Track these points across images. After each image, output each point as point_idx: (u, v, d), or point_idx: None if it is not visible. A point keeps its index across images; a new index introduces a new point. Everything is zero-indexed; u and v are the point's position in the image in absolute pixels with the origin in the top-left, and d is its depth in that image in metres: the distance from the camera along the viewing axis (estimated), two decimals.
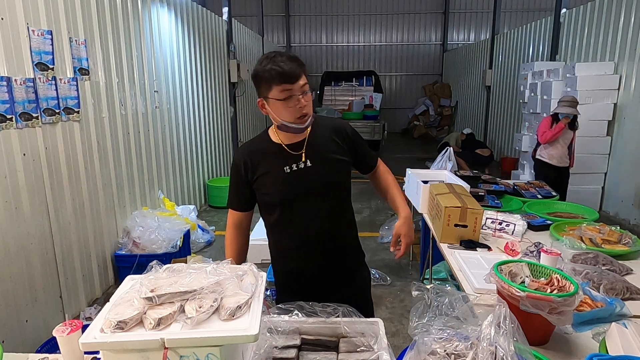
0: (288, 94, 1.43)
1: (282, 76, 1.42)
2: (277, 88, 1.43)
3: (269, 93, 1.46)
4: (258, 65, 1.46)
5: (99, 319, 1.14)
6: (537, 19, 8.30)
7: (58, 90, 3.03)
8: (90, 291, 3.45)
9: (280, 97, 1.44)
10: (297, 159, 1.57)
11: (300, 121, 1.49)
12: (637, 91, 5.15)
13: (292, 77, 1.43)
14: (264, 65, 1.44)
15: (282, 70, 1.42)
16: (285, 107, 1.45)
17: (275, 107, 1.47)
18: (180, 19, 5.34)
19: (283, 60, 1.43)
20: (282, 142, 1.58)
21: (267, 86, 1.45)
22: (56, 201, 3.02)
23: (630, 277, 2.00)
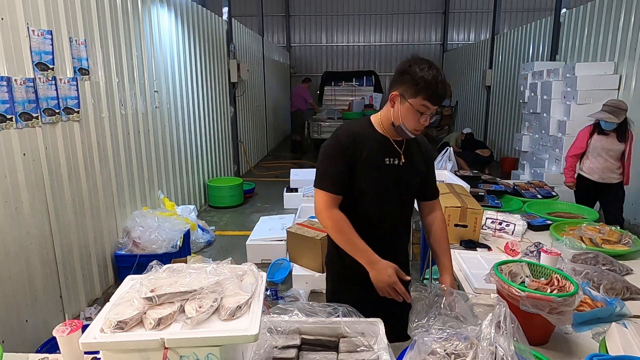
0: (424, 111, 1.51)
1: (435, 97, 1.49)
2: (421, 101, 1.49)
3: (410, 98, 1.50)
4: (416, 67, 1.48)
5: (99, 319, 1.14)
6: (537, 19, 8.29)
7: (58, 90, 3.03)
8: (90, 291, 3.45)
9: (418, 110, 1.50)
10: (396, 155, 1.65)
11: (415, 132, 1.58)
12: (637, 91, 5.15)
13: (440, 101, 1.52)
14: (424, 73, 1.47)
15: (439, 94, 1.50)
16: (413, 117, 1.52)
17: (405, 111, 1.53)
18: (180, 19, 5.34)
19: (442, 82, 1.49)
20: (389, 136, 1.64)
21: (414, 92, 1.49)
22: (56, 201, 3.02)
23: (630, 277, 2.00)
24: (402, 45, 14.76)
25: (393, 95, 1.55)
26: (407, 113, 1.52)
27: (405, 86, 1.51)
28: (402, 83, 1.52)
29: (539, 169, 6.13)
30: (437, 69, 1.49)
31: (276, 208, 6.05)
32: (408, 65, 1.51)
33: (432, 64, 1.50)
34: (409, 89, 1.50)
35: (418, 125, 1.54)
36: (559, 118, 5.83)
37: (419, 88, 1.47)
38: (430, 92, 1.48)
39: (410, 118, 1.53)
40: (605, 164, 3.79)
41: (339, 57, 14.97)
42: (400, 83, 1.52)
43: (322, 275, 3.62)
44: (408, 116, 1.53)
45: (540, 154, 6.29)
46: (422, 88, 1.47)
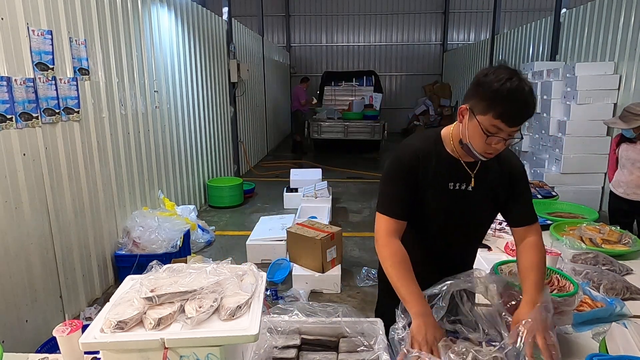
0: (495, 132, 1.24)
1: (509, 117, 1.21)
2: (492, 120, 1.23)
3: (479, 114, 1.25)
4: (492, 77, 1.22)
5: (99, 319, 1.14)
6: (537, 19, 8.29)
7: (58, 90, 3.03)
8: (90, 291, 3.45)
9: (487, 129, 1.24)
10: (465, 179, 1.42)
11: (486, 155, 1.32)
12: (637, 91, 5.15)
13: (518, 123, 1.24)
14: (500, 85, 1.20)
15: (516, 113, 1.22)
16: (481, 137, 1.27)
17: (473, 129, 1.28)
18: (180, 19, 5.34)
19: (523, 99, 1.21)
20: (460, 157, 1.41)
21: (484, 108, 1.23)
22: (56, 201, 3.02)
23: (630, 277, 2.00)
24: (402, 45, 14.76)
25: (462, 108, 1.31)
26: (474, 132, 1.28)
27: (476, 99, 1.26)
28: (474, 95, 1.27)
29: (539, 169, 6.13)
30: (521, 81, 1.21)
31: (276, 208, 6.05)
32: (484, 74, 1.25)
33: (515, 75, 1.21)
34: (479, 103, 1.25)
35: (488, 148, 1.28)
36: (559, 118, 5.83)
37: (491, 104, 1.21)
38: (503, 110, 1.20)
39: (477, 138, 1.28)
40: (631, 177, 3.23)
41: (339, 57, 14.97)
42: (472, 95, 1.28)
43: (322, 275, 3.63)
44: (475, 136, 1.28)
45: (540, 154, 6.29)
46: (494, 104, 1.21)
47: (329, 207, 5.33)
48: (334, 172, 8.49)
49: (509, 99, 1.19)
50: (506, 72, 1.22)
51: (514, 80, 1.20)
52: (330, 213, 5.25)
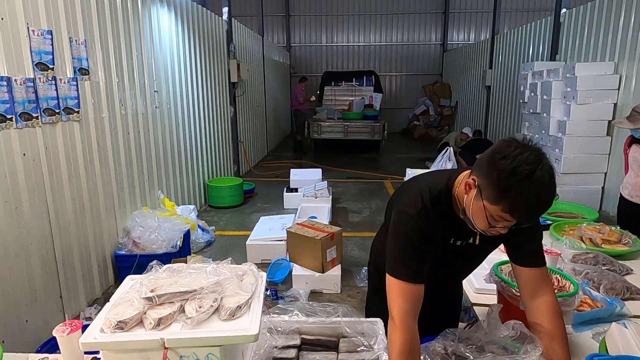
0: (499, 220, 1.13)
1: (523, 217, 1.10)
2: (500, 212, 1.10)
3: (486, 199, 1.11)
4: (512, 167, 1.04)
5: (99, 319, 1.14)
6: (537, 19, 8.29)
7: (58, 90, 3.03)
8: (90, 291, 3.45)
9: (492, 216, 1.12)
10: (469, 236, 1.35)
11: (488, 234, 1.21)
12: (637, 91, 5.15)
13: (533, 221, 1.16)
14: (522, 185, 1.03)
15: (532, 215, 1.11)
16: (485, 222, 1.15)
17: (478, 211, 1.15)
18: (180, 19, 5.34)
19: (546, 199, 1.07)
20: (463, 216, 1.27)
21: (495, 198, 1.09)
22: (56, 201, 3.02)
23: (630, 277, 2.00)
24: (402, 45, 14.76)
25: (470, 182, 1.16)
26: (478, 212, 1.15)
27: (487, 181, 1.09)
28: (485, 175, 1.10)
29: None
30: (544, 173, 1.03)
31: (276, 208, 6.05)
32: (503, 155, 1.06)
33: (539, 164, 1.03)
34: (489, 187, 1.09)
35: (491, 232, 1.18)
36: (559, 118, 5.83)
37: (503, 197, 1.06)
38: (515, 209, 1.07)
39: (480, 220, 1.16)
40: (636, 179, 3.08)
41: (339, 57, 14.97)
42: (483, 173, 1.11)
43: (322, 275, 3.63)
44: (478, 217, 1.16)
45: None
46: (506, 199, 1.06)
47: (329, 207, 5.33)
48: (334, 172, 8.49)
49: (524, 197, 1.04)
50: (529, 160, 1.03)
51: (537, 175, 1.02)
52: (330, 213, 5.25)
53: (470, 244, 1.34)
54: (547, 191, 1.05)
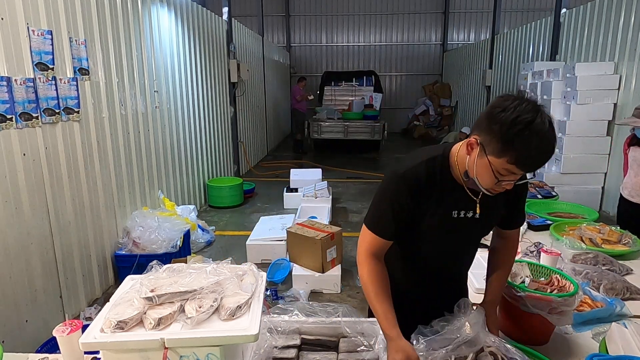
0: (506, 175, 1.14)
1: (528, 165, 1.12)
2: (505, 164, 1.11)
3: (491, 154, 1.12)
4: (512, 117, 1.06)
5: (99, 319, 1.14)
6: (537, 19, 8.29)
7: (58, 90, 3.03)
8: (90, 291, 3.45)
9: (498, 172, 1.13)
10: (469, 207, 1.32)
11: (493, 192, 1.21)
12: (637, 91, 5.15)
13: (535, 169, 1.16)
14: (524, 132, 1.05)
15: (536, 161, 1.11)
16: (490, 177, 1.16)
17: (482, 167, 1.16)
18: (180, 19, 5.34)
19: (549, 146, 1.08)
20: (465, 184, 1.29)
21: (499, 151, 1.10)
22: (56, 201, 3.02)
23: (630, 277, 2.00)
24: (402, 45, 14.76)
25: (472, 141, 1.16)
26: (483, 170, 1.16)
27: (489, 137, 1.11)
28: (487, 131, 1.12)
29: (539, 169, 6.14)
30: (544, 122, 1.07)
31: (276, 208, 6.05)
32: (502, 108, 1.09)
33: (538, 113, 1.07)
34: (493, 142, 1.10)
35: (497, 188, 1.18)
36: (559, 118, 5.83)
37: (507, 148, 1.08)
38: (520, 157, 1.08)
39: (486, 177, 1.16)
40: (636, 179, 3.06)
41: (339, 57, 14.97)
42: (485, 130, 1.13)
43: (322, 275, 3.63)
44: (484, 175, 1.16)
45: None
46: (510, 149, 1.08)
47: (329, 207, 5.33)
48: (334, 172, 8.49)
49: (528, 146, 1.06)
50: (528, 111, 1.06)
51: (537, 123, 1.05)
52: (330, 213, 5.25)
53: (470, 218, 1.33)
54: (548, 138, 1.07)
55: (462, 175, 1.26)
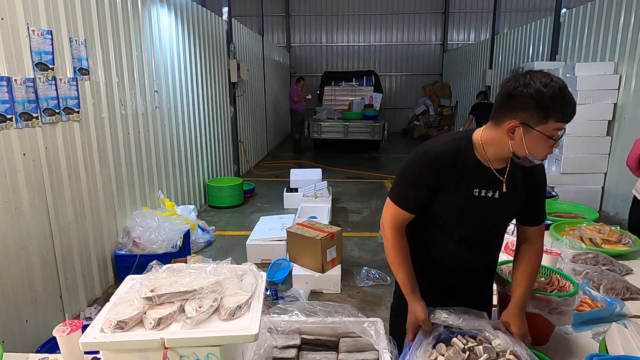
0: (556, 134, 1.24)
1: (570, 114, 1.22)
2: (554, 124, 1.21)
3: (538, 125, 1.21)
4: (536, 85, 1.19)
5: (99, 319, 1.14)
6: (537, 19, 8.29)
7: (58, 90, 3.03)
8: (90, 291, 3.45)
9: (553, 135, 1.23)
10: (493, 186, 1.38)
11: (544, 158, 1.31)
12: (637, 91, 5.15)
13: (573, 115, 1.24)
14: (549, 89, 1.18)
15: (573, 107, 1.22)
16: (545, 144, 1.24)
17: (534, 140, 1.24)
18: (180, 19, 5.34)
19: (570, 95, 1.22)
20: (491, 164, 1.36)
21: (543, 116, 1.20)
22: (56, 201, 3.02)
23: (630, 277, 2.01)
24: (402, 45, 14.76)
25: (512, 125, 1.24)
26: (536, 142, 1.24)
27: (527, 112, 1.21)
28: (521, 108, 1.22)
29: None
30: (558, 79, 1.22)
31: (276, 208, 6.05)
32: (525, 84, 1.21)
33: (548, 75, 1.22)
34: (534, 114, 1.20)
35: (549, 151, 1.27)
36: None
37: (549, 110, 1.19)
38: (563, 111, 1.20)
39: (541, 146, 1.25)
40: None
41: (339, 57, 14.97)
42: (517, 109, 1.22)
43: (322, 275, 3.63)
44: (539, 145, 1.25)
45: None
46: (553, 109, 1.19)
47: (329, 207, 5.33)
48: (334, 172, 8.49)
49: (563, 99, 1.19)
50: (541, 75, 1.21)
51: (554, 81, 1.20)
52: (330, 213, 5.25)
53: (490, 197, 1.38)
54: (568, 89, 1.22)
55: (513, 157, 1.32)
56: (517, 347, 1.23)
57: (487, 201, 1.38)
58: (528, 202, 1.44)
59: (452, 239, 1.47)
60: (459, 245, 1.47)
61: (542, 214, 1.50)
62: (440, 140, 1.43)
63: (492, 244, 1.54)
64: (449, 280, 1.52)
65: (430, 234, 1.49)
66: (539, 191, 1.46)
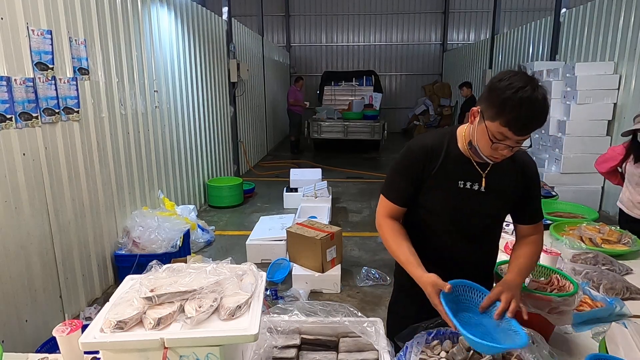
0: (502, 139, 1.24)
1: (517, 126, 1.20)
2: (499, 127, 1.22)
3: (488, 119, 1.25)
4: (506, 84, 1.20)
5: (98, 319, 1.14)
6: (537, 19, 8.29)
7: (58, 90, 3.03)
8: (90, 291, 3.45)
9: (494, 135, 1.25)
10: (475, 179, 1.41)
11: (493, 159, 1.33)
12: (636, 91, 5.15)
13: (525, 133, 1.22)
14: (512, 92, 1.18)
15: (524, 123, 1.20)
16: (489, 143, 1.27)
17: (482, 133, 1.28)
18: (180, 18, 5.34)
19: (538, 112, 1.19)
20: (472, 157, 1.40)
21: (494, 114, 1.22)
22: (56, 201, 3.02)
23: (630, 277, 2.01)
24: (402, 45, 14.76)
25: (474, 109, 1.32)
26: (482, 136, 1.29)
27: (487, 103, 1.25)
28: (486, 99, 1.26)
29: (539, 169, 6.11)
30: (535, 90, 1.18)
31: (276, 208, 6.05)
32: (499, 79, 1.24)
33: (530, 83, 1.19)
34: (490, 108, 1.24)
35: (495, 153, 1.29)
36: (559, 118, 5.83)
37: (500, 111, 1.20)
38: (511, 119, 1.19)
39: (484, 143, 1.29)
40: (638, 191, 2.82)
41: (339, 57, 14.96)
42: (485, 99, 1.27)
43: (322, 275, 3.63)
44: (482, 140, 1.29)
45: (540, 154, 6.29)
46: (503, 112, 1.19)
47: (328, 207, 5.33)
48: (334, 172, 8.49)
49: (518, 108, 1.17)
50: (521, 80, 1.19)
51: (527, 90, 1.17)
52: (330, 213, 5.25)
53: (476, 190, 1.41)
54: (538, 106, 1.19)
55: (467, 145, 1.39)
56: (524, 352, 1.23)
57: (472, 193, 1.41)
58: (519, 199, 1.45)
59: (442, 232, 1.48)
60: (450, 239, 1.48)
61: (537, 212, 1.50)
62: (427, 135, 1.49)
63: (484, 238, 1.53)
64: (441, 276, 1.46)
65: (420, 229, 1.50)
66: (529, 189, 1.46)
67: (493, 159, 1.32)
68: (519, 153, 1.42)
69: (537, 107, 1.19)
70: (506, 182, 1.43)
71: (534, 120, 1.20)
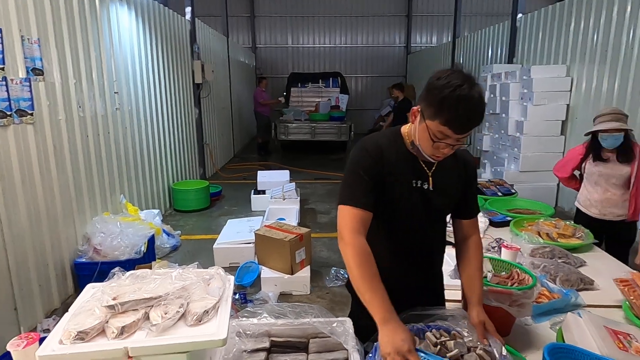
0: (442, 138, 1.25)
1: (456, 124, 1.21)
2: (439, 126, 1.22)
3: (428, 118, 1.25)
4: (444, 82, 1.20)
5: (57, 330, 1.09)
6: (495, 23, 8.61)
7: (9, 91, 2.87)
8: (48, 302, 3.29)
9: (435, 134, 1.25)
10: (424, 178, 1.42)
11: (435, 158, 1.34)
12: (587, 92, 5.44)
13: (464, 131, 1.23)
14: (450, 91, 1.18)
15: (462, 122, 1.20)
16: (429, 142, 1.27)
17: (422, 133, 1.28)
18: (141, 18, 5.19)
19: (475, 110, 1.20)
20: (418, 156, 1.40)
21: (433, 113, 1.22)
22: (8, 208, 2.86)
23: (583, 269, 2.12)
24: (366, 47, 14.95)
25: (414, 109, 1.31)
26: (423, 135, 1.29)
27: (426, 103, 1.25)
28: (425, 98, 1.26)
29: (499, 168, 6.37)
30: (471, 89, 1.19)
31: (244, 210, 5.98)
32: (437, 77, 1.24)
33: (467, 82, 1.20)
34: (429, 107, 1.24)
35: (437, 152, 1.30)
36: (517, 118, 6.07)
37: (439, 110, 1.21)
38: (449, 118, 1.19)
39: (425, 142, 1.29)
40: (606, 194, 2.85)
41: (305, 58, 14.98)
42: (424, 98, 1.27)
43: (291, 277, 3.62)
44: (423, 139, 1.29)
45: (500, 153, 6.53)
46: (441, 111, 1.20)
47: (297, 209, 5.32)
48: (302, 173, 8.49)
49: (456, 107, 1.18)
50: (458, 78, 1.20)
51: (464, 88, 1.18)
52: (298, 214, 5.25)
53: (426, 189, 1.42)
54: (475, 104, 1.20)
55: (410, 145, 1.39)
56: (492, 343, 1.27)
57: (424, 192, 1.42)
58: (462, 195, 1.49)
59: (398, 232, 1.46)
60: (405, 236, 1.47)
61: (476, 207, 1.57)
62: (373, 135, 1.46)
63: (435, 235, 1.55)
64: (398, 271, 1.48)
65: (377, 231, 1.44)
66: (470, 184, 1.51)
67: (435, 157, 1.33)
68: (460, 151, 1.44)
69: (474, 106, 1.20)
70: (451, 178, 1.46)
71: (471, 118, 1.21)
